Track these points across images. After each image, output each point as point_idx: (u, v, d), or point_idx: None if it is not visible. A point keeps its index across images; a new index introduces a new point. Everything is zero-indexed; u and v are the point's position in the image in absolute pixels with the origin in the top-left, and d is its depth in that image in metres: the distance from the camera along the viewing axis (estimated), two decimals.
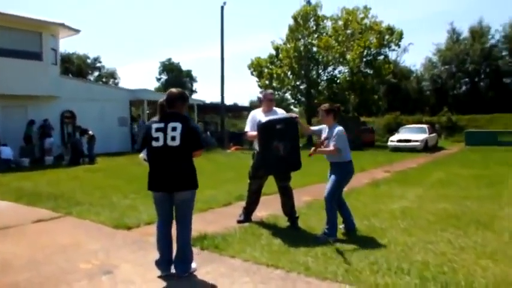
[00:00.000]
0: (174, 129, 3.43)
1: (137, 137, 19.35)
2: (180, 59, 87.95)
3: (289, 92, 29.36)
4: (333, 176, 4.82)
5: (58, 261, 3.94)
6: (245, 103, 48.24)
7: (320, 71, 28.96)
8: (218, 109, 23.82)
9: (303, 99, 29.18)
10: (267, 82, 27.93)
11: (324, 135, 4.95)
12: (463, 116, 31.30)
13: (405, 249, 4.20)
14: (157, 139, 3.44)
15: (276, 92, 29.71)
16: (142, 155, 3.61)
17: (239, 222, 5.39)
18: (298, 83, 28.79)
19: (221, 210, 6.30)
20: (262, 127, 4.80)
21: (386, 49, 27.19)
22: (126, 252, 4.18)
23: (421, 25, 67.23)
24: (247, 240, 4.51)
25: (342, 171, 4.79)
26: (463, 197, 7.22)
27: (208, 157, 16.93)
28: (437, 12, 66.28)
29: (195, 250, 4.16)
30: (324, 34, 27.84)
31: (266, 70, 28.48)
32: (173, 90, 3.68)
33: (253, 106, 33.31)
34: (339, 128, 4.79)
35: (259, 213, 5.70)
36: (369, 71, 27.22)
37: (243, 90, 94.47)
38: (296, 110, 34.35)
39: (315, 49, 27.91)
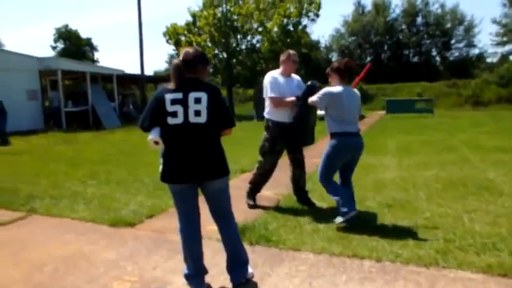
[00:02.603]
0: (197, 101, 2.57)
1: (51, 111, 16.95)
2: (78, 26, 79.78)
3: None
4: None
5: (76, 282, 2.93)
6: (148, 73, 45.11)
7: (239, 39, 28.26)
8: (137, 80, 21.89)
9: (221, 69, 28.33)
10: None
11: None
12: (372, 85, 33.27)
13: (456, 221, 3.98)
14: (174, 114, 2.57)
15: None
16: (153, 136, 2.59)
17: (251, 207, 4.70)
18: (216, 51, 27.80)
19: None
20: (311, 91, 4.19)
21: (305, 18, 27.37)
22: (160, 259, 3.30)
23: None
24: (291, 227, 3.90)
25: (330, 144, 4.02)
26: (439, 163, 7.38)
27: (138, 133, 15.55)
28: None
29: (247, 247, 3.47)
30: (241, 2, 27.08)
31: (184, 38, 26.91)
32: (190, 49, 2.75)
33: (158, 77, 31.40)
34: (329, 88, 3.99)
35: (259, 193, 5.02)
36: (289, 40, 27.25)
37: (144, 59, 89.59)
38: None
39: (234, 17, 27.02)
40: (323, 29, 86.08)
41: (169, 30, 26.73)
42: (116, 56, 71.15)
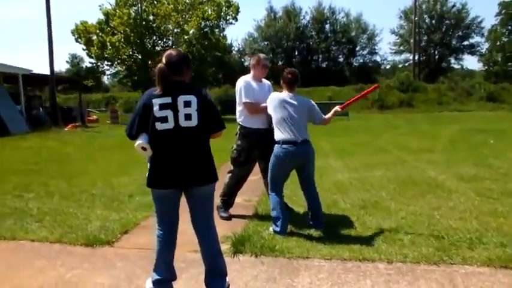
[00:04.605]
0: (187, 104, 2.53)
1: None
2: None
3: (123, 63, 26.75)
4: None
5: None
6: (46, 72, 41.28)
7: (156, 40, 27.30)
8: (45, 81, 19.92)
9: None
10: (98, 51, 24.82)
11: None
12: None
13: (430, 219, 4.22)
14: (164, 119, 2.50)
15: (108, 63, 26.92)
16: (141, 141, 2.52)
17: (225, 219, 4.44)
18: (131, 52, 26.53)
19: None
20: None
21: (224, 21, 27.43)
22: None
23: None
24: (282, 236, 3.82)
25: (273, 153, 3.97)
26: (380, 164, 7.85)
27: (55, 138, 14.22)
28: None
29: (252, 259, 3.31)
30: (156, 2, 26.29)
31: (96, 37, 25.22)
32: (173, 51, 2.66)
33: (64, 78, 28.74)
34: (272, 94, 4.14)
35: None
36: (206, 43, 27.06)
37: (42, 57, 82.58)
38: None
39: (151, 17, 26.10)
40: (236, 32, 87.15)
41: (78, 28, 24.84)
42: (10, 55, 64.21)
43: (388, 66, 48.15)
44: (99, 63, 26.08)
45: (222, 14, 26.60)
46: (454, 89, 31.46)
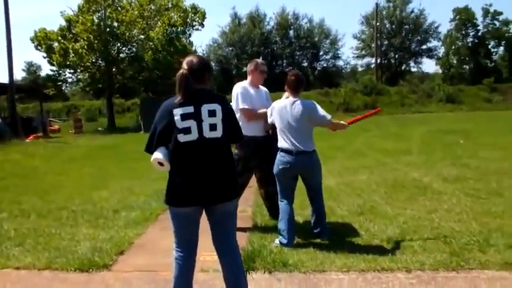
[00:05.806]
0: (212, 113, 2.34)
1: None
2: None
3: (86, 70, 25.76)
4: None
5: None
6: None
7: (121, 47, 26.54)
8: (3, 90, 18.83)
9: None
10: (60, 59, 23.79)
11: None
12: None
13: (431, 222, 4.22)
14: (187, 130, 2.30)
15: (70, 71, 25.91)
16: (157, 156, 2.33)
17: None
18: (93, 60, 25.63)
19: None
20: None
21: (190, 28, 27.09)
22: None
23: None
24: (292, 247, 3.67)
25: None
26: (363, 167, 7.90)
27: (18, 150, 13.41)
28: None
29: (266, 276, 3.14)
30: (120, 8, 25.62)
31: (57, 44, 24.20)
32: (194, 57, 2.46)
33: (22, 85, 27.54)
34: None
35: None
36: (172, 49, 26.60)
37: None
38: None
39: (115, 24, 25.35)
40: (200, 38, 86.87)
41: (38, 36, 23.73)
42: None
43: (348, 70, 49.27)
44: (60, 71, 25.01)
45: (189, 20, 26.26)
46: (415, 91, 32.55)
